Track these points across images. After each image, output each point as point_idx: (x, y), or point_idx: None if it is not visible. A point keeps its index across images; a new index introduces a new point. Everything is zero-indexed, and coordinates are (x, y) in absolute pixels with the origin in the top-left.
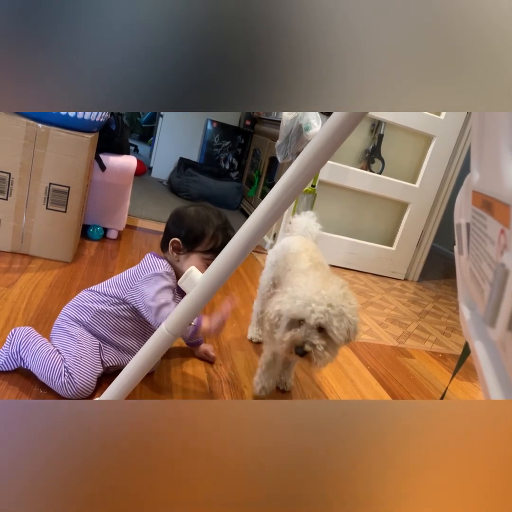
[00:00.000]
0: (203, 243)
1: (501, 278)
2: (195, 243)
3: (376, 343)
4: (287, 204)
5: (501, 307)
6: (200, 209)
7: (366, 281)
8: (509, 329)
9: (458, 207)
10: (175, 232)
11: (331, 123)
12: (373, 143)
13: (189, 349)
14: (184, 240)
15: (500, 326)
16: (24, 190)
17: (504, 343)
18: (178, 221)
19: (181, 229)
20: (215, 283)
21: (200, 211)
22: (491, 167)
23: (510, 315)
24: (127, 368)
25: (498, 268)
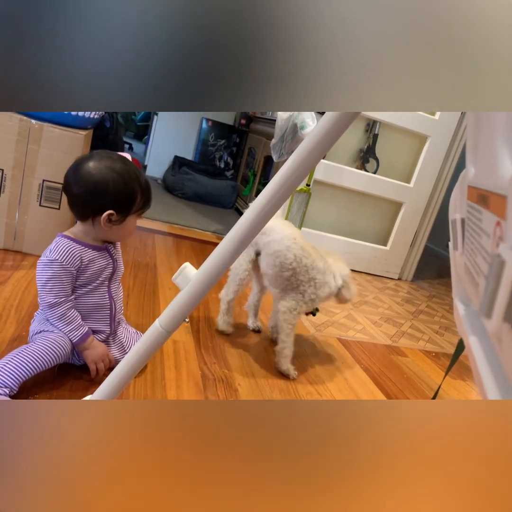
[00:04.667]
0: (136, 204)
1: (497, 268)
2: (130, 208)
3: (370, 342)
4: (281, 202)
5: (497, 297)
6: (109, 165)
7: (360, 280)
8: (505, 320)
9: (453, 203)
10: (103, 203)
11: (324, 122)
12: (368, 142)
13: (184, 346)
14: (118, 210)
15: (496, 317)
16: (17, 187)
17: (500, 335)
18: (101, 191)
19: (110, 199)
20: (209, 279)
21: (115, 168)
22: (487, 161)
23: (506, 305)
24: (120, 365)
25: (494, 258)
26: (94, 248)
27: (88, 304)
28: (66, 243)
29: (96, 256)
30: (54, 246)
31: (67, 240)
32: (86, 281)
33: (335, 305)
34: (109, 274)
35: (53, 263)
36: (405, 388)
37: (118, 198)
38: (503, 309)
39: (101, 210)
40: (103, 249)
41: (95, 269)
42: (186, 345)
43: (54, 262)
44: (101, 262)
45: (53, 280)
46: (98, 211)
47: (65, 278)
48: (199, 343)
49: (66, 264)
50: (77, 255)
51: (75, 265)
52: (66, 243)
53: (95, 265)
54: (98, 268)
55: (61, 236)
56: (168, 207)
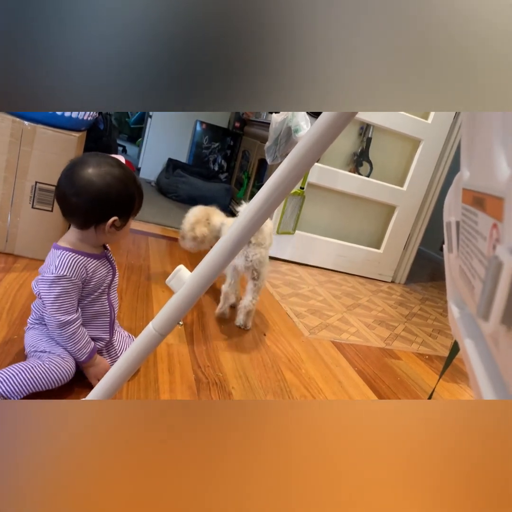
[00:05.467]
0: (136, 206)
1: (495, 270)
2: (131, 211)
3: (363, 345)
4: (275, 205)
5: (495, 300)
6: (108, 170)
7: (353, 283)
8: (502, 322)
9: (448, 206)
10: (107, 210)
11: (318, 125)
12: (361, 146)
13: (178, 349)
14: (121, 215)
15: (493, 319)
16: (10, 189)
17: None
18: (104, 199)
19: (114, 206)
20: (203, 282)
21: (114, 173)
22: (483, 163)
23: (503, 308)
24: (113, 368)
25: (492, 260)
26: (95, 257)
27: (89, 312)
28: (70, 257)
29: (98, 265)
30: (59, 262)
31: (70, 253)
32: (90, 291)
33: (329, 308)
34: (109, 282)
35: (60, 279)
36: (398, 390)
37: (121, 204)
38: (500, 311)
39: (105, 218)
40: (103, 257)
41: (98, 279)
42: (179, 348)
43: (62, 279)
44: (102, 271)
45: (62, 297)
46: (102, 219)
47: (73, 293)
48: (193, 346)
49: (74, 279)
50: (82, 267)
51: (81, 277)
52: (71, 256)
53: (98, 274)
54: (100, 277)
55: (61, 249)
56: (162, 209)
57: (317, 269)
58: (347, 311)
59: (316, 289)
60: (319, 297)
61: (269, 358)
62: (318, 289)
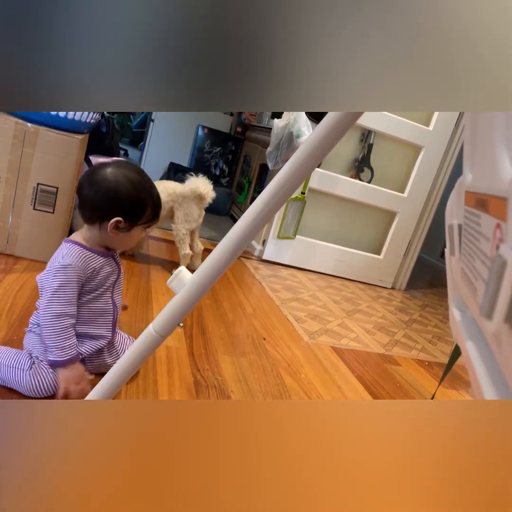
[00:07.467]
0: (145, 215)
1: (499, 269)
2: (139, 218)
3: (363, 350)
4: (276, 209)
5: (498, 298)
6: (125, 173)
7: (353, 288)
8: (506, 321)
9: (450, 209)
10: (113, 209)
11: (319, 130)
12: (362, 152)
13: (177, 352)
14: (126, 218)
15: (497, 318)
16: (11, 190)
17: (500, 336)
18: (112, 197)
19: (120, 206)
20: (204, 284)
21: (130, 177)
22: (485, 164)
23: (507, 306)
24: (113, 369)
25: (495, 259)
26: (102, 254)
27: (92, 309)
28: (79, 250)
29: (103, 263)
30: (67, 252)
31: (79, 247)
32: (93, 287)
33: (329, 313)
34: (113, 281)
35: (66, 268)
36: (398, 396)
37: (128, 207)
38: (504, 310)
39: (109, 216)
40: (109, 255)
41: (102, 276)
42: (179, 351)
43: (68, 268)
44: (107, 269)
45: (64, 287)
46: (107, 216)
47: (75, 286)
48: (192, 349)
49: (79, 270)
50: (90, 262)
51: (87, 272)
52: (78, 249)
53: (102, 272)
54: (104, 275)
55: (71, 242)
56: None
57: (317, 274)
58: (347, 316)
59: (316, 294)
60: (319, 302)
61: (268, 362)
62: (318, 294)
